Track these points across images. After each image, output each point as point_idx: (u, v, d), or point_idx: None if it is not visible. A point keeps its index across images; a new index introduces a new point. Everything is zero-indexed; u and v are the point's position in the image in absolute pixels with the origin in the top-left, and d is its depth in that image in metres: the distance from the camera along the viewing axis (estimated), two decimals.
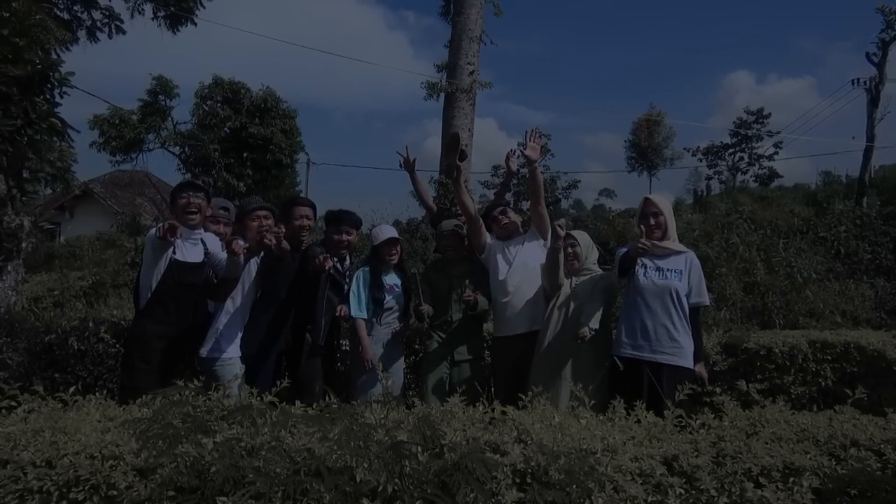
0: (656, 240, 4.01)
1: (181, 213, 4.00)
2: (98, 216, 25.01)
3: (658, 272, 4.00)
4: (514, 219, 4.73)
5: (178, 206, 4.03)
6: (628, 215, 19.04)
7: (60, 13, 9.85)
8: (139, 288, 3.97)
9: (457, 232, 4.67)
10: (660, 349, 3.88)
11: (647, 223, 4.06)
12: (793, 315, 8.58)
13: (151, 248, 3.90)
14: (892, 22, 18.28)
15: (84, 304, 8.70)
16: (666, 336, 3.89)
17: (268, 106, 20.08)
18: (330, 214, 4.82)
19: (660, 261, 4.03)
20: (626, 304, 4.11)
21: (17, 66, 6.15)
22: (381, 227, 4.87)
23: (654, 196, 4.20)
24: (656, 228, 4.04)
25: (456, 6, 14.42)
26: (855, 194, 18.27)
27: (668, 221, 4.06)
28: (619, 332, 4.09)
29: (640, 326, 3.95)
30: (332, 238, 4.63)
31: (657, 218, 4.05)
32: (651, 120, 40.11)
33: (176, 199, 4.06)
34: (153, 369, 3.84)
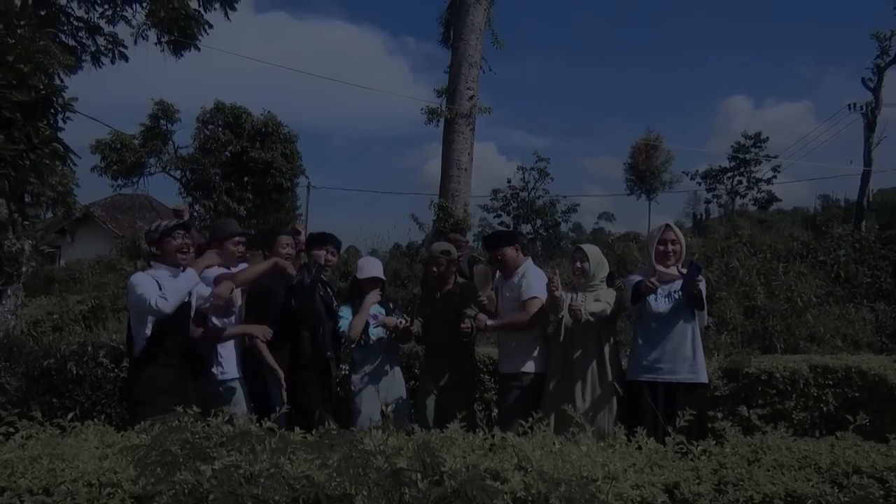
0: (664, 266, 4.09)
1: (174, 253, 3.84)
2: (98, 240, 25.04)
3: (668, 297, 4.07)
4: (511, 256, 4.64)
5: (171, 247, 3.82)
6: (628, 239, 19.06)
7: (66, 39, 9.99)
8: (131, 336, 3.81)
9: (444, 257, 4.60)
10: (678, 370, 3.97)
11: (663, 249, 4.15)
12: (793, 339, 8.56)
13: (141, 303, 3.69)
14: (886, 48, 18.48)
15: (83, 327, 8.69)
16: (682, 357, 3.99)
17: (269, 130, 20.24)
18: (314, 236, 4.81)
19: (668, 285, 4.09)
20: (641, 329, 4.16)
21: (20, 91, 6.22)
22: (367, 262, 4.78)
23: (672, 224, 4.28)
24: (672, 256, 4.13)
25: (456, 33, 14.63)
26: (853, 218, 18.31)
27: (682, 250, 4.17)
28: (636, 357, 4.13)
29: (657, 350, 4.01)
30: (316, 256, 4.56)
31: (674, 246, 4.15)
32: (649, 144, 40.31)
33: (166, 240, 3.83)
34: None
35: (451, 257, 4.61)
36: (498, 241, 4.68)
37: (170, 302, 3.63)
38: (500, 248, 4.58)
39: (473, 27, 14.30)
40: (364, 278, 4.56)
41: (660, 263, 4.13)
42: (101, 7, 10.47)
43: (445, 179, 14.07)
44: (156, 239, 3.85)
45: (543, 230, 30.00)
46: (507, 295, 4.54)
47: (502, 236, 4.92)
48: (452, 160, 13.99)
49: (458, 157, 14.00)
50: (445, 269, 4.59)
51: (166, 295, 3.64)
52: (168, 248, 3.84)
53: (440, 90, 14.75)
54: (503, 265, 4.59)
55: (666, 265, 4.12)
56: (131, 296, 3.72)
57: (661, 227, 4.31)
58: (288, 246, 4.48)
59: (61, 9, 10.15)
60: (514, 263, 4.56)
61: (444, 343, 4.53)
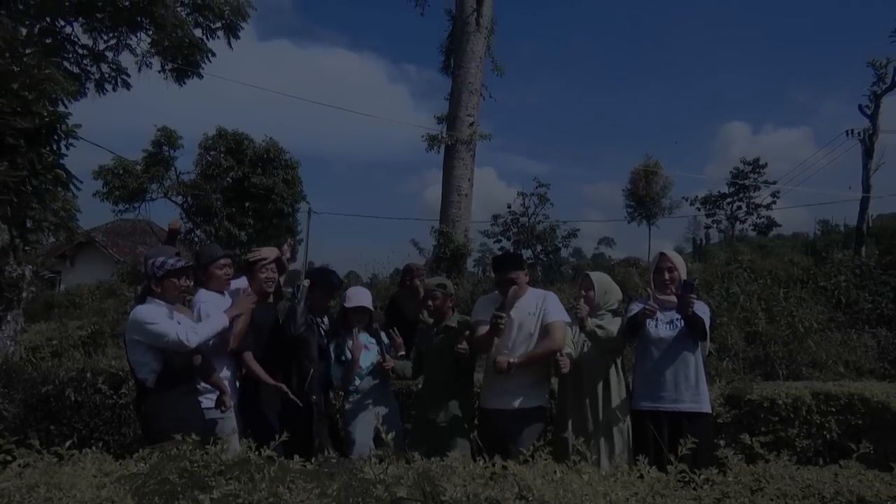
0: (668, 294, 4.08)
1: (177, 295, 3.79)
2: (99, 265, 25.07)
3: (670, 325, 4.06)
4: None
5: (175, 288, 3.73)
6: (628, 264, 19.05)
7: (70, 66, 10.11)
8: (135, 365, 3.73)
9: (440, 291, 4.52)
10: (680, 399, 3.94)
11: (660, 277, 4.15)
12: (795, 365, 8.51)
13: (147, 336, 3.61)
14: (883, 75, 18.65)
15: (82, 353, 8.65)
16: (685, 385, 3.95)
17: (270, 156, 20.36)
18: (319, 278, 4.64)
19: (670, 312, 4.07)
20: (641, 357, 4.15)
21: (25, 118, 6.28)
22: (356, 291, 4.66)
23: (669, 252, 4.29)
24: (670, 283, 4.12)
25: (456, 61, 14.82)
26: (853, 244, 18.33)
27: (681, 277, 4.13)
28: (638, 386, 4.11)
29: (659, 379, 3.99)
30: (318, 301, 4.52)
31: (671, 273, 4.14)
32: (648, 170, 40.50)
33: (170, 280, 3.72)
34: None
35: (446, 291, 4.53)
36: (514, 264, 4.40)
37: (199, 337, 3.60)
38: (516, 270, 4.31)
39: (473, 55, 14.48)
40: (351, 307, 4.50)
41: (660, 292, 4.12)
42: (107, 36, 10.61)
43: (446, 205, 14.14)
44: (159, 276, 3.69)
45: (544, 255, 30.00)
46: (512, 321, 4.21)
47: (516, 259, 4.68)
48: (453, 186, 14.08)
49: (458, 182, 14.09)
50: (441, 303, 4.51)
51: (197, 330, 3.61)
52: (171, 288, 3.74)
53: (441, 117, 14.91)
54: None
55: (666, 293, 4.12)
56: (142, 330, 3.57)
57: (657, 255, 4.34)
58: (267, 270, 4.38)
59: (67, 37, 10.31)
60: (524, 289, 4.37)
61: (442, 378, 4.42)
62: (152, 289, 3.72)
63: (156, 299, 3.70)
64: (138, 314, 3.62)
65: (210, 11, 10.73)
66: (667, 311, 4.08)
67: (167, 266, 3.69)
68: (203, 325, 3.73)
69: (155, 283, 3.71)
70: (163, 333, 3.52)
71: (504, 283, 4.23)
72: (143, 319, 3.57)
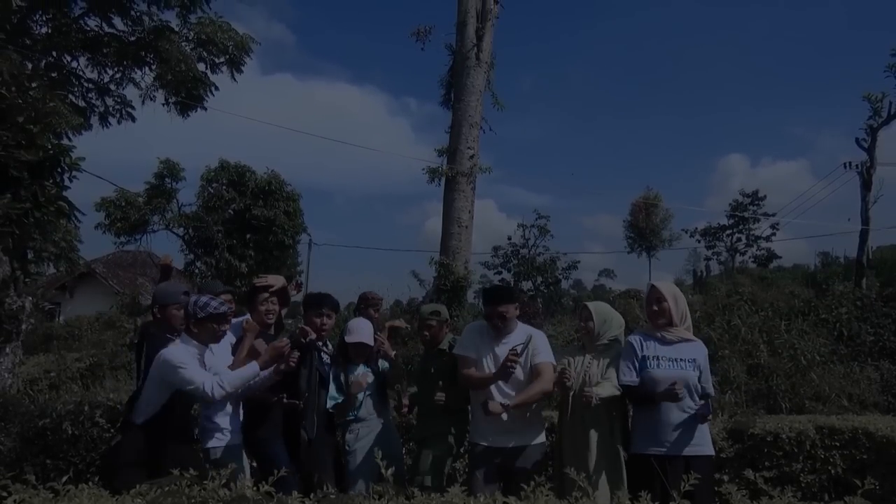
0: (661, 327, 3.98)
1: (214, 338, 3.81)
2: (99, 296, 25.03)
3: (673, 363, 3.89)
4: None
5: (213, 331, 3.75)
6: (629, 296, 19.02)
7: (75, 100, 10.24)
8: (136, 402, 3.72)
9: (435, 318, 4.51)
10: (684, 443, 3.78)
11: (650, 309, 4.07)
12: (798, 398, 8.46)
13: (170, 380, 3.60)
14: (878, 109, 18.84)
15: (80, 386, 8.61)
16: (689, 428, 3.80)
17: (272, 189, 20.49)
18: (310, 298, 4.71)
19: (672, 350, 3.93)
20: None
21: (29, 151, 6.34)
22: (358, 325, 4.62)
23: (659, 283, 4.16)
24: (660, 315, 4.00)
25: (456, 95, 14.98)
26: (854, 276, 18.32)
27: (672, 309, 3.98)
28: (639, 429, 3.95)
29: (662, 421, 3.82)
30: (311, 321, 4.48)
31: (661, 304, 4.00)
32: (648, 202, 40.71)
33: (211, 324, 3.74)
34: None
35: (441, 318, 4.53)
36: (504, 297, 4.28)
37: (225, 391, 3.57)
38: (507, 304, 4.21)
39: (473, 89, 14.65)
40: (351, 342, 4.47)
41: (652, 322, 4.06)
42: (112, 70, 10.76)
43: (446, 237, 14.17)
44: (200, 318, 3.67)
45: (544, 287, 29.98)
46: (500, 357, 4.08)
47: (507, 292, 4.59)
48: (453, 218, 14.12)
49: (458, 214, 14.14)
50: (437, 331, 4.51)
51: (224, 384, 3.56)
52: (209, 331, 3.72)
53: (441, 149, 15.01)
54: (506, 324, 4.20)
55: (658, 323, 4.01)
56: (171, 370, 3.54)
57: (648, 287, 4.26)
58: (267, 302, 4.39)
59: (72, 71, 10.45)
60: (514, 324, 4.26)
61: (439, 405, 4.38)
62: (189, 328, 3.71)
63: (192, 339, 3.69)
64: (170, 355, 3.59)
65: (214, 46, 10.88)
66: (667, 346, 3.94)
67: (210, 309, 3.69)
68: (232, 376, 3.66)
69: (194, 324, 3.69)
70: (190, 381, 3.49)
71: (493, 317, 4.19)
72: (175, 362, 3.54)
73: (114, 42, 10.24)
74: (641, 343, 3.98)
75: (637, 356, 3.95)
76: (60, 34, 9.75)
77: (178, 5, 9.98)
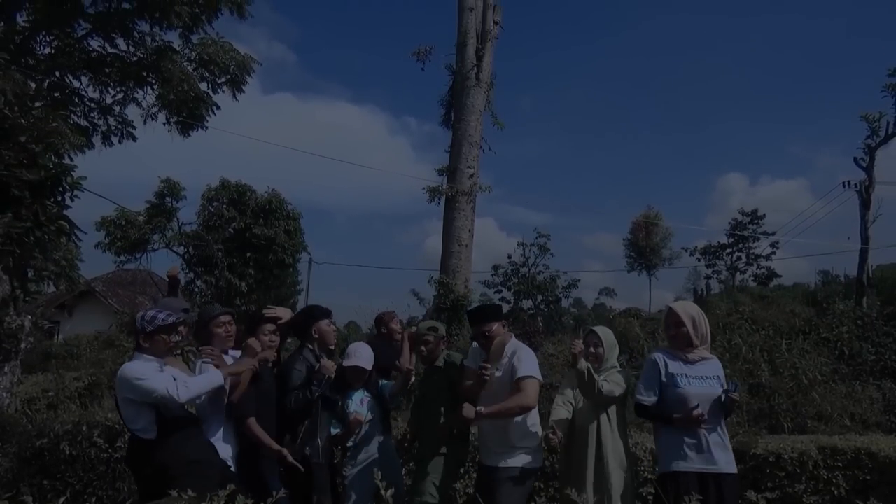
0: (679, 349, 3.97)
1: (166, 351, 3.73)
2: (98, 315, 24.95)
3: (699, 380, 3.88)
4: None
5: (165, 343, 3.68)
6: (629, 314, 18.99)
7: (78, 119, 10.31)
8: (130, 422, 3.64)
9: (432, 334, 4.49)
10: (713, 459, 3.75)
11: (669, 333, 4.06)
12: (800, 418, 8.40)
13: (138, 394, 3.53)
14: (876, 129, 18.91)
15: (78, 405, 8.54)
16: (719, 444, 3.79)
17: (272, 207, 20.56)
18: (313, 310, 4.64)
19: (696, 369, 3.92)
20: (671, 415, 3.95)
21: (31, 170, 6.36)
22: (357, 349, 4.57)
23: (677, 306, 4.13)
24: (679, 338, 3.98)
25: (456, 114, 15.08)
26: (854, 294, 18.30)
27: (691, 332, 3.95)
28: (668, 446, 3.88)
29: (692, 437, 3.78)
30: (323, 329, 4.49)
31: (679, 329, 3.98)
32: (649, 221, 40.77)
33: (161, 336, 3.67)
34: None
35: (438, 334, 4.52)
36: (485, 317, 4.29)
37: (191, 392, 3.54)
38: (488, 323, 4.21)
39: (473, 109, 14.75)
40: (349, 366, 4.43)
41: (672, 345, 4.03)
42: (114, 90, 10.84)
43: (446, 255, 14.18)
44: (149, 331, 3.63)
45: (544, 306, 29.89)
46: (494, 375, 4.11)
47: (489, 311, 4.51)
48: (453, 237, 14.15)
49: (458, 233, 14.17)
50: (434, 347, 4.51)
51: (189, 384, 3.53)
52: (160, 343, 3.67)
53: (441, 169, 15.08)
54: (490, 343, 4.18)
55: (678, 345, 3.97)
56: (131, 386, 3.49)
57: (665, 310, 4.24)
58: (270, 334, 4.34)
59: (75, 91, 10.53)
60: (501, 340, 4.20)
61: (436, 420, 4.36)
62: (140, 343, 3.66)
63: (144, 354, 3.63)
64: (126, 371, 3.55)
65: (216, 66, 10.97)
66: (691, 366, 3.92)
67: (158, 321, 3.64)
68: (197, 380, 3.65)
69: (144, 338, 3.64)
70: (152, 389, 3.45)
71: (478, 336, 4.22)
72: (132, 376, 3.50)
73: (116, 62, 10.33)
74: (666, 362, 3.96)
75: (661, 375, 3.93)
76: (64, 54, 9.85)
77: (181, 26, 10.07)
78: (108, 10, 9.81)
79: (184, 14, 9.55)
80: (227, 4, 10.31)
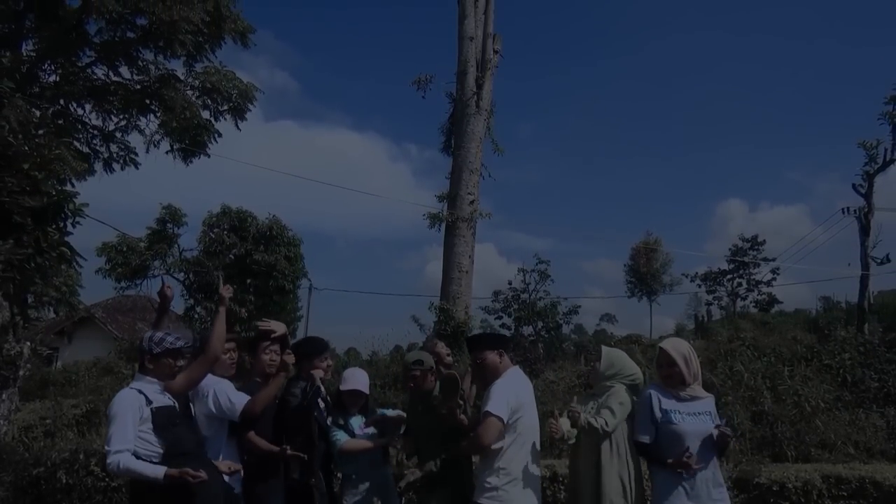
0: (673, 387, 3.93)
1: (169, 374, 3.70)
2: (98, 341, 24.87)
3: (693, 416, 3.85)
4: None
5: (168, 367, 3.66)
6: (630, 341, 18.90)
7: (80, 146, 10.37)
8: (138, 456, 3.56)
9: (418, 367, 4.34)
10: (706, 498, 3.70)
11: (661, 372, 4.02)
12: (804, 446, 8.32)
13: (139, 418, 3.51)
14: (874, 155, 19.03)
15: (76, 433, 8.48)
16: (710, 480, 3.74)
17: (273, 234, 20.61)
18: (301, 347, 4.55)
19: (689, 406, 3.90)
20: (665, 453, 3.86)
21: (33, 197, 6.40)
22: (353, 374, 4.56)
23: (668, 345, 4.07)
24: (672, 378, 3.95)
25: (457, 141, 15.20)
26: (856, 320, 18.24)
27: (684, 371, 3.92)
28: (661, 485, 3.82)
29: (686, 476, 3.72)
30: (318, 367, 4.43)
31: (672, 369, 3.94)
32: (649, 247, 40.83)
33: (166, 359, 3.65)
34: None
35: (424, 367, 4.34)
36: (478, 344, 4.19)
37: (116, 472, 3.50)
38: (482, 351, 4.10)
39: (474, 136, 14.87)
40: (346, 390, 4.40)
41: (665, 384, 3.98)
42: (117, 117, 10.91)
43: (446, 282, 14.19)
44: (156, 353, 3.60)
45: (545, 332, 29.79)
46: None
47: (484, 339, 4.37)
48: (453, 263, 14.17)
49: (458, 259, 14.19)
50: (422, 380, 4.33)
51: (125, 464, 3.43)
52: (166, 367, 3.64)
53: (441, 195, 15.16)
54: (482, 372, 4.09)
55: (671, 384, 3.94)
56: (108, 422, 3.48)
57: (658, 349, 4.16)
58: (272, 353, 4.33)
59: (78, 118, 10.61)
60: (494, 371, 4.06)
61: (435, 453, 4.26)
62: (144, 364, 3.62)
63: (146, 376, 3.59)
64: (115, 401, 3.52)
65: (218, 94, 11.06)
66: (685, 403, 3.89)
67: (166, 344, 3.60)
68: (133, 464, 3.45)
69: (149, 360, 3.60)
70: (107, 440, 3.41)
71: (472, 364, 4.18)
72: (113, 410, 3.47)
73: (120, 90, 10.41)
74: (659, 398, 3.92)
75: (654, 412, 3.88)
76: (68, 82, 9.94)
77: (185, 55, 10.18)
78: (114, 38, 9.92)
79: (188, 43, 9.66)
80: (231, 34, 10.43)
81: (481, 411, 3.91)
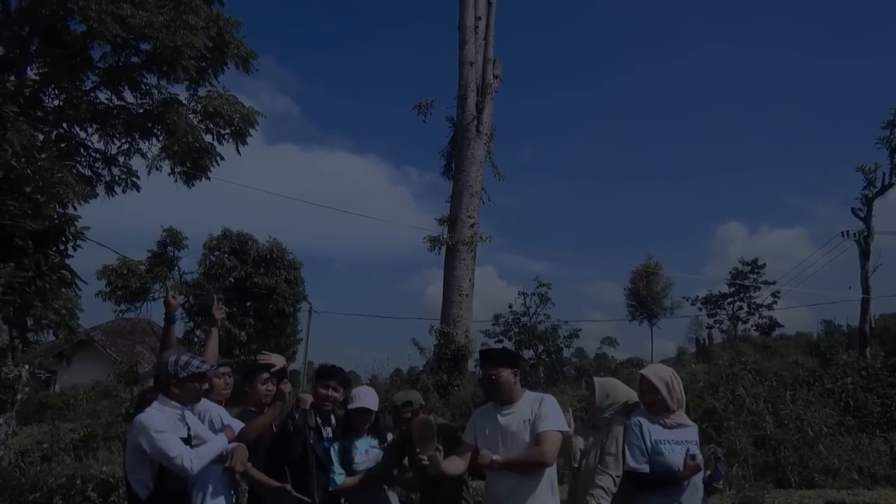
0: (657, 414, 3.88)
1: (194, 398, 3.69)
2: (97, 364, 24.75)
3: (680, 445, 3.80)
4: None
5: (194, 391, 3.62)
6: (631, 364, 18.83)
7: (82, 169, 10.41)
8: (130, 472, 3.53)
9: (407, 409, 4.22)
10: None
11: (644, 400, 3.96)
12: (808, 471, 8.26)
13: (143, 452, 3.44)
14: (873, 179, 19.10)
15: (73, 458, 8.42)
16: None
17: (273, 257, 20.63)
18: (321, 369, 4.66)
19: (675, 434, 3.85)
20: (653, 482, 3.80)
21: (34, 220, 6.42)
22: (361, 392, 4.48)
23: (649, 372, 4.02)
24: (655, 405, 3.90)
25: (457, 165, 15.28)
26: (857, 344, 18.18)
27: (667, 397, 3.87)
28: None
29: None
30: (317, 391, 4.43)
31: (654, 396, 3.88)
32: (649, 270, 40.81)
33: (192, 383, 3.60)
34: None
35: (413, 407, 4.23)
36: (494, 360, 4.05)
37: (201, 462, 3.46)
38: (498, 367, 3.96)
39: (474, 160, 14.95)
40: (353, 409, 4.35)
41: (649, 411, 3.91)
42: (119, 141, 10.98)
43: (447, 305, 14.17)
44: (182, 377, 3.53)
45: (546, 356, 29.65)
46: (504, 428, 3.90)
47: (501, 355, 4.30)
48: (454, 286, 14.16)
49: (459, 283, 14.18)
50: (412, 420, 4.17)
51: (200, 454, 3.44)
52: (192, 391, 3.60)
53: (442, 219, 15.20)
54: (496, 389, 3.96)
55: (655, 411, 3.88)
56: (148, 437, 3.36)
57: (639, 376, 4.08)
58: (267, 383, 4.30)
59: (81, 142, 10.67)
60: (509, 391, 3.96)
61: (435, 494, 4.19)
62: (170, 388, 3.55)
63: (171, 400, 3.54)
64: (147, 420, 3.42)
65: (220, 118, 11.14)
66: (672, 431, 3.85)
67: (192, 368, 3.55)
68: (205, 448, 3.55)
69: (175, 384, 3.54)
70: (168, 452, 3.35)
71: (484, 380, 4.03)
72: (153, 427, 3.37)
73: (122, 114, 10.49)
74: (647, 428, 3.85)
75: (644, 441, 3.81)
76: (72, 106, 10.01)
77: (188, 79, 10.28)
78: (118, 63, 10.02)
79: (191, 68, 9.75)
80: (234, 59, 10.54)
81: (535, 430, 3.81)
